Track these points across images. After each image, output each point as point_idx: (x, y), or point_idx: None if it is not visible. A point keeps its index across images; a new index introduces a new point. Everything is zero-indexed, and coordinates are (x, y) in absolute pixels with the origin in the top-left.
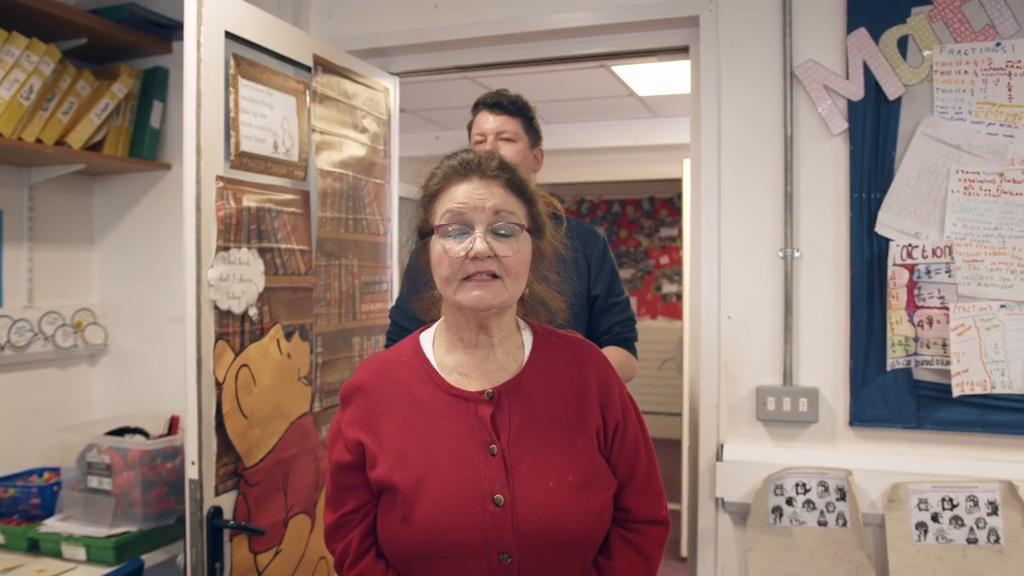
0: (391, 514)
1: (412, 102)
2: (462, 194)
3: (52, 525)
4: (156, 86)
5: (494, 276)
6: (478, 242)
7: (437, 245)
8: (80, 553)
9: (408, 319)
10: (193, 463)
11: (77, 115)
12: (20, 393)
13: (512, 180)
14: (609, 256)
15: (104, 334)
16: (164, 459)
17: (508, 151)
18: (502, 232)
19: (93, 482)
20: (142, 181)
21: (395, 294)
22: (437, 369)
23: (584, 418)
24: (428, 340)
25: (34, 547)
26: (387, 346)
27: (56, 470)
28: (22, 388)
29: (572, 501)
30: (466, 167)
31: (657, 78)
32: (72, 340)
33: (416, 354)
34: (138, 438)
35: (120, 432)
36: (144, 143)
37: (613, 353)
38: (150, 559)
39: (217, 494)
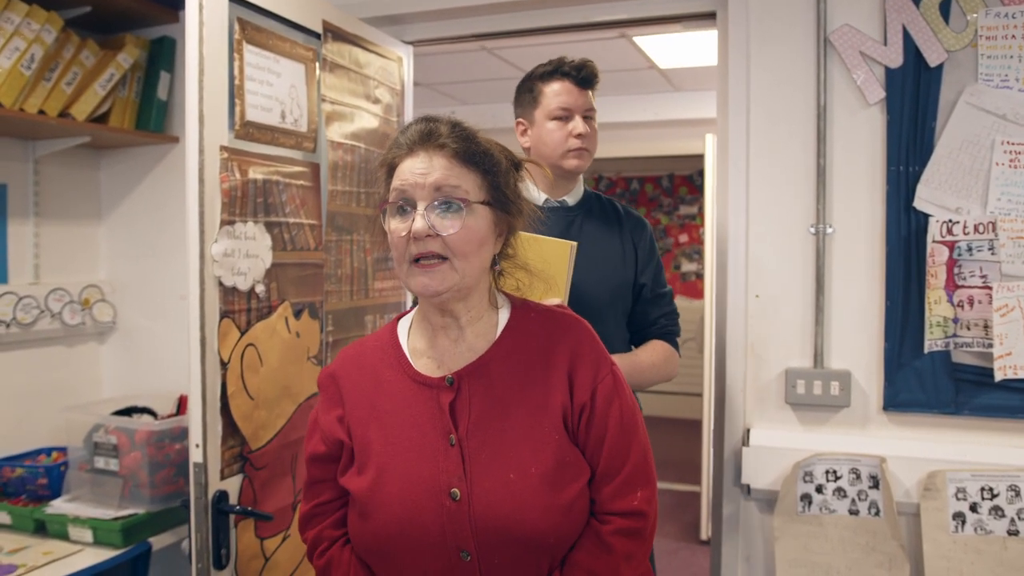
0: (353, 507)
1: (428, 75)
2: (406, 170)
3: (59, 506)
4: (163, 56)
5: (442, 258)
6: (417, 220)
7: (387, 225)
8: (87, 535)
9: None
10: (197, 446)
11: (81, 86)
12: (27, 371)
13: (461, 150)
14: (656, 247)
15: (113, 311)
16: (172, 439)
17: (592, 130)
18: (445, 208)
19: (100, 463)
20: (150, 154)
21: None
22: (408, 354)
23: (550, 400)
24: (406, 324)
25: (41, 528)
26: None
27: (64, 450)
28: (29, 366)
29: (534, 494)
30: (413, 140)
31: (680, 50)
32: (80, 317)
33: (391, 339)
34: (146, 418)
35: (128, 412)
36: (151, 115)
37: (657, 348)
38: (158, 542)
39: (223, 478)
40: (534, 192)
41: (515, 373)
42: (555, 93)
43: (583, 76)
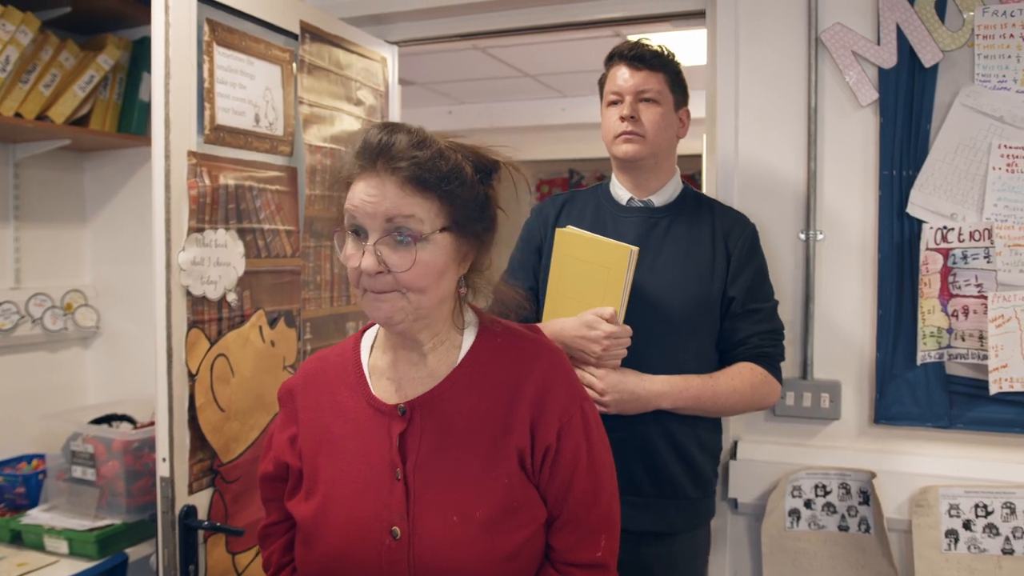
0: (299, 533)
1: (423, 75)
2: (358, 193)
3: (36, 516)
4: (146, 57)
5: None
6: (366, 256)
7: (341, 250)
8: (62, 546)
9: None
10: (164, 460)
11: (60, 88)
12: (9, 377)
13: (414, 175)
14: (758, 252)
15: (96, 316)
16: (151, 448)
17: (649, 115)
18: (397, 241)
19: (77, 472)
20: (134, 156)
21: None
22: (367, 373)
23: (508, 439)
24: (370, 337)
25: (17, 538)
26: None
27: (44, 457)
28: (11, 372)
29: (473, 540)
30: (366, 157)
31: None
32: (62, 322)
33: (353, 355)
34: (124, 426)
35: (107, 419)
36: (133, 117)
37: (743, 371)
38: (134, 553)
39: (191, 492)
40: (619, 190)
41: (472, 405)
42: (611, 78)
43: (634, 55)
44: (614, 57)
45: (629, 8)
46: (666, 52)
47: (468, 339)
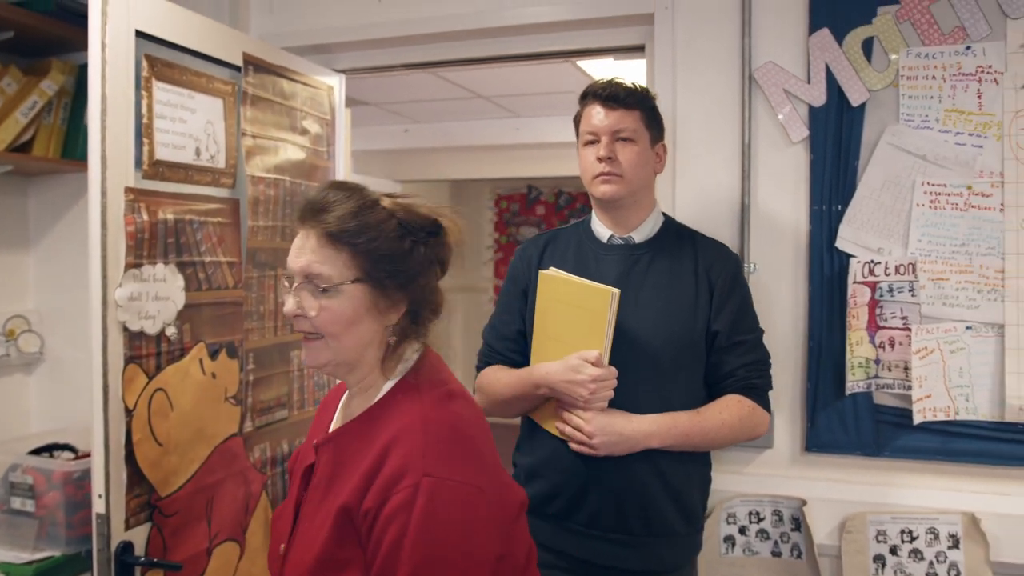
0: None
1: (377, 95)
2: (292, 247)
3: None
4: None
5: (318, 335)
6: (288, 300)
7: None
8: None
9: (503, 339)
10: (100, 496)
11: (2, 114)
12: None
13: (333, 230)
14: (741, 283)
15: (40, 342)
16: (91, 479)
17: (626, 154)
18: (311, 290)
19: (16, 503)
20: (79, 181)
21: None
22: (342, 401)
23: (343, 491)
24: None
25: None
26: (477, 370)
27: None
28: None
29: None
30: (300, 212)
31: (623, 73)
32: (4, 348)
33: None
34: (65, 455)
35: (49, 448)
36: (78, 143)
37: (731, 404)
38: None
39: (128, 528)
40: (599, 228)
41: (352, 452)
42: (586, 117)
43: (608, 95)
44: (588, 96)
45: (575, 42)
46: (640, 89)
47: (386, 388)
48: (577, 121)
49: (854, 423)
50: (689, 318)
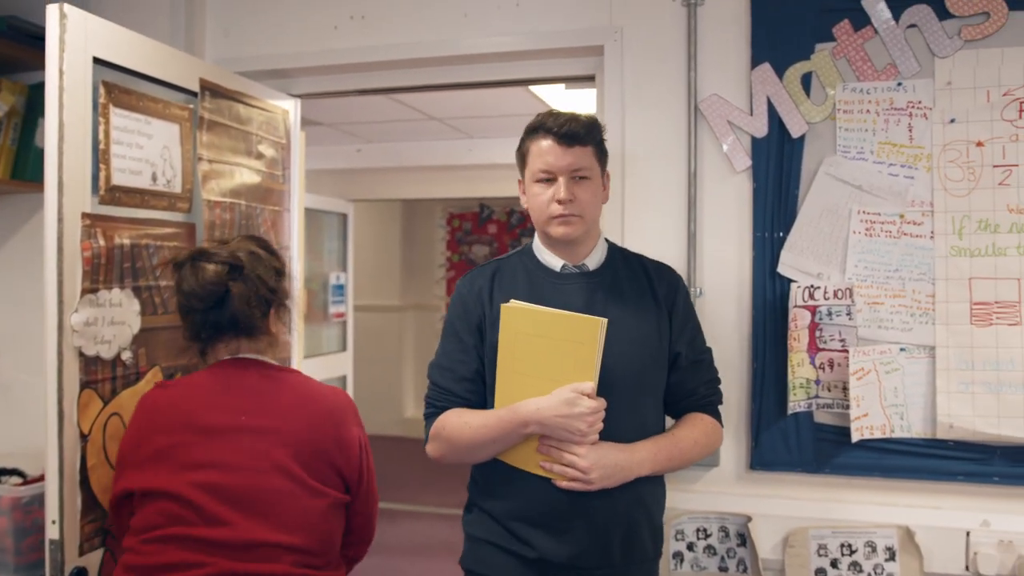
0: None
1: (330, 115)
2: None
3: None
4: (42, 102)
5: None
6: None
7: None
8: None
9: (461, 381)
10: (54, 522)
11: None
12: None
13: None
14: (690, 303)
15: None
16: (41, 504)
17: (583, 193)
18: None
19: None
20: (29, 202)
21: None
22: None
23: None
24: None
25: None
26: (429, 416)
27: None
28: None
29: None
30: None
31: (575, 99)
32: None
33: None
34: (14, 480)
35: None
36: (28, 163)
37: (697, 422)
38: None
39: (82, 553)
40: (549, 257)
41: None
42: (539, 153)
43: (565, 133)
44: (539, 130)
45: (530, 71)
46: (592, 121)
47: None
48: (524, 153)
49: (796, 441)
50: (655, 341)
